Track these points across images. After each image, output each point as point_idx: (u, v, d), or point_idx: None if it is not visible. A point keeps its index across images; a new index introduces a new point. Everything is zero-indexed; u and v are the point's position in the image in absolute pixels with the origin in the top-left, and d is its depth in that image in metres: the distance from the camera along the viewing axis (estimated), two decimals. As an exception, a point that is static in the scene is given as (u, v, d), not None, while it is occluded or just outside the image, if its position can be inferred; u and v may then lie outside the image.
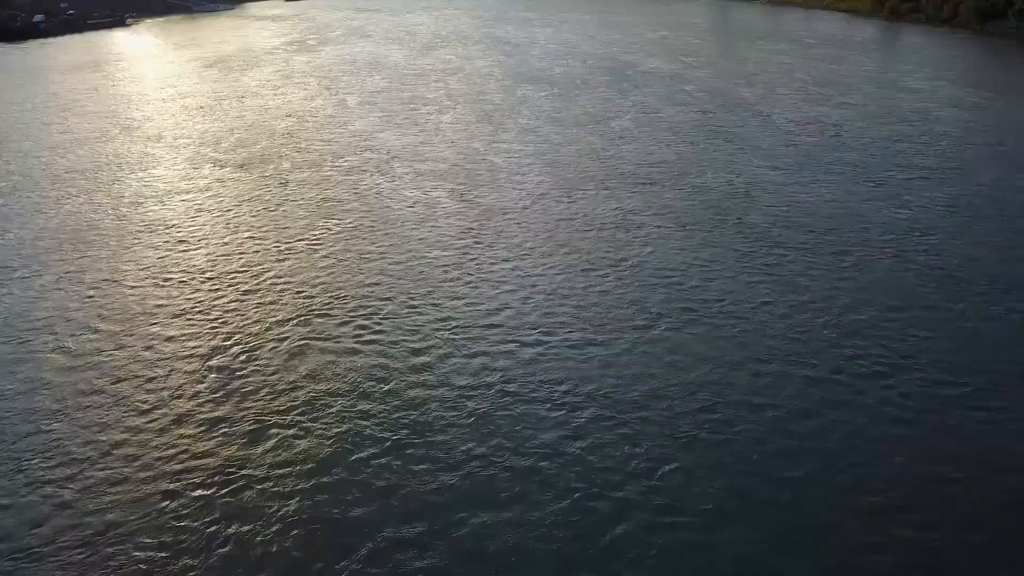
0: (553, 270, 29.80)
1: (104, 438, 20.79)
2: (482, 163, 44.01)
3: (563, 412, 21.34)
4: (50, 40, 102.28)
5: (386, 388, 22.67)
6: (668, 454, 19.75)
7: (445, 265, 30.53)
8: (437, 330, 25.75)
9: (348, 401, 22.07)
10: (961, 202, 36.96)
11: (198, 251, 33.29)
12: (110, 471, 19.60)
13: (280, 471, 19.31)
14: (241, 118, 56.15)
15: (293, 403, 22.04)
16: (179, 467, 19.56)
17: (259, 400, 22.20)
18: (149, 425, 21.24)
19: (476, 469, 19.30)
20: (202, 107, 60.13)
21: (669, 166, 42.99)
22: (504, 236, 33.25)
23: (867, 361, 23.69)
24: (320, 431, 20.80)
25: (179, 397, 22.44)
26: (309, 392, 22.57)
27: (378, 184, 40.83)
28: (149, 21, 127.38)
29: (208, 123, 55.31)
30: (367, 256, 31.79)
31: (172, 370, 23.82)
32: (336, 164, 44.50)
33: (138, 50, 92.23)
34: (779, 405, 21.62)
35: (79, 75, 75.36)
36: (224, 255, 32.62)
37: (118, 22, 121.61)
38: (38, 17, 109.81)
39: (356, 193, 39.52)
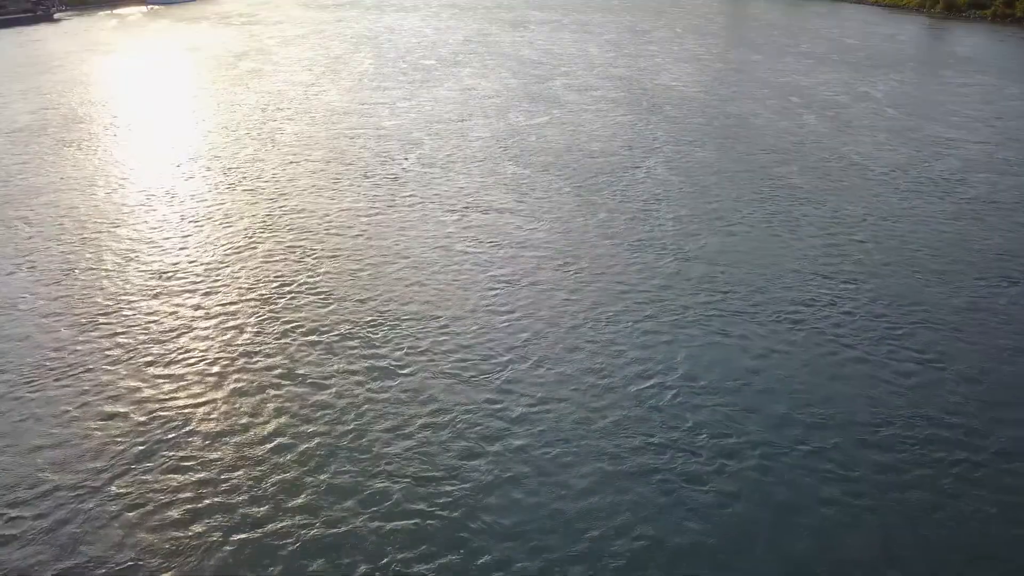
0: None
1: None
2: (448, 271, 27.46)
3: None
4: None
5: None
6: None
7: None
8: None
9: None
10: None
11: None
12: None
13: None
14: (98, 170, 39.68)
15: None
16: None
17: None
18: None
19: None
20: (70, 144, 43.48)
21: (738, 269, 27.00)
22: (467, 514, 16.40)
23: None
24: None
25: None
26: None
27: (253, 338, 22.50)
28: (88, 16, 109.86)
29: (36, 178, 38.33)
30: None
31: None
32: (206, 278, 26.78)
33: (39, 55, 74.23)
34: None
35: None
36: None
37: (42, 16, 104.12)
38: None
39: (201, 362, 21.47)
